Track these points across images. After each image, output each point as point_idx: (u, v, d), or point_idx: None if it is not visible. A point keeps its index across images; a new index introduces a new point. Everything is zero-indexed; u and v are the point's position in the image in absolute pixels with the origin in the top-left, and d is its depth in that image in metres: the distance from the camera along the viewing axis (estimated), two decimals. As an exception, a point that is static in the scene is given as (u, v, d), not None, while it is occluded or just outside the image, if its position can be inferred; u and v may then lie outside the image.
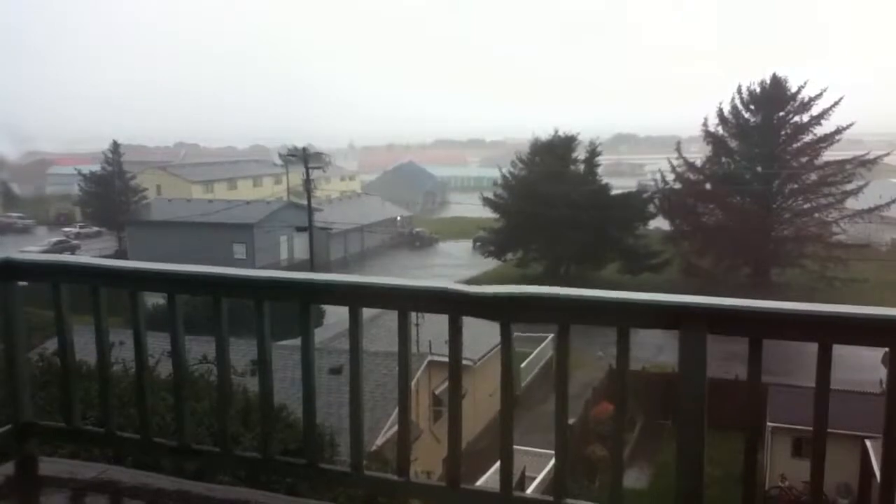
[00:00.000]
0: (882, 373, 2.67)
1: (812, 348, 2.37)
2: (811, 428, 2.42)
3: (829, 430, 2.39)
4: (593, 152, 53.16)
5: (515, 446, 2.83)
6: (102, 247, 61.04)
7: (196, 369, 6.39)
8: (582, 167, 53.11)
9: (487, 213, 55.44)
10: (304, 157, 40.21)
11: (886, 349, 2.35)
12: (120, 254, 57.68)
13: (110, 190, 61.20)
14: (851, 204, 48.46)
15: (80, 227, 67.31)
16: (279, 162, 61.59)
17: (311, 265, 39.63)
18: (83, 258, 3.75)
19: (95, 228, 65.51)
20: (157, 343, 3.45)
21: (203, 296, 3.03)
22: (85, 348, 3.43)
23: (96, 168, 63.51)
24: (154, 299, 3.29)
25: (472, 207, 63.72)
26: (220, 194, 71.67)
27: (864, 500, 18.26)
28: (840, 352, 2.34)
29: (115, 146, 62.34)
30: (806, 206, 49.68)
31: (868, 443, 16.89)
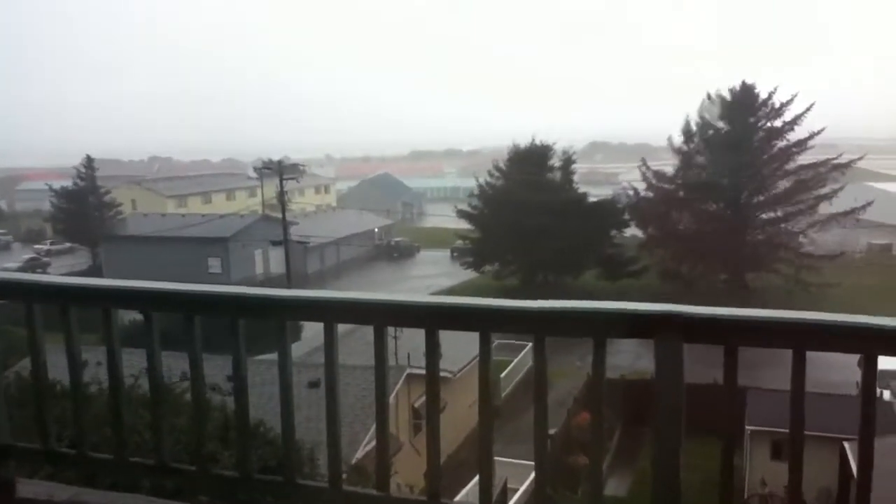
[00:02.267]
0: (858, 375, 2.72)
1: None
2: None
3: (808, 433, 2.42)
4: (568, 160, 53.56)
5: (497, 458, 2.82)
6: (74, 262, 60.34)
7: (177, 386, 6.32)
8: (558, 175, 53.45)
9: (466, 224, 55.63)
10: (279, 169, 40.03)
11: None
12: (94, 270, 57.01)
13: (83, 205, 60.46)
14: (826, 208, 48.90)
15: (51, 243, 66.45)
16: (253, 175, 61.42)
17: (287, 279, 39.40)
18: (55, 277, 3.68)
19: (67, 244, 64.67)
20: (136, 360, 3.40)
21: (177, 314, 3.00)
22: (63, 366, 3.38)
23: (67, 183, 62.73)
24: (132, 315, 3.26)
25: (449, 218, 63.90)
26: (195, 208, 71.20)
27: (842, 502, 18.42)
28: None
29: (89, 161, 61.66)
30: (780, 213, 50.17)
31: (846, 444, 17.06)
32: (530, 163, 52.11)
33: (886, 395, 20.06)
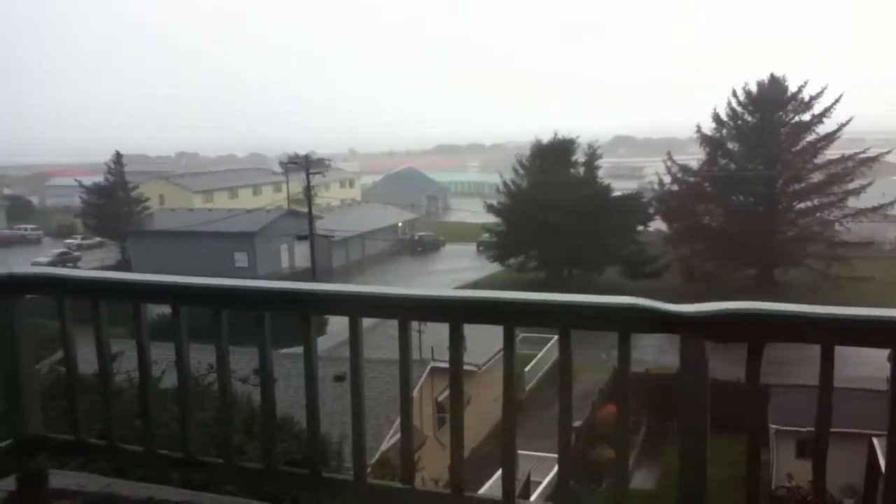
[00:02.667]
0: (888, 370, 2.68)
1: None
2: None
3: (834, 430, 2.39)
4: (593, 155, 53.17)
5: (520, 451, 2.83)
6: (103, 256, 61.25)
7: (204, 378, 6.40)
8: (582, 170, 53.13)
9: (489, 218, 55.52)
10: (306, 164, 40.22)
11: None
12: (123, 264, 57.81)
13: (112, 200, 61.31)
14: (854, 203, 48.38)
15: (82, 238, 67.41)
16: (279, 170, 61.84)
17: (312, 273, 39.64)
18: (86, 272, 3.75)
19: (97, 239, 65.61)
20: (164, 352, 3.45)
21: (205, 308, 3.04)
22: (93, 358, 3.44)
23: (98, 179, 63.63)
24: (161, 308, 3.31)
25: (473, 213, 63.80)
26: (221, 203, 71.87)
27: (869, 498, 18.17)
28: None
29: (118, 157, 62.49)
30: (808, 204, 49.59)
31: (875, 441, 16.82)
32: (553, 157, 51.86)
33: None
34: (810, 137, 49.51)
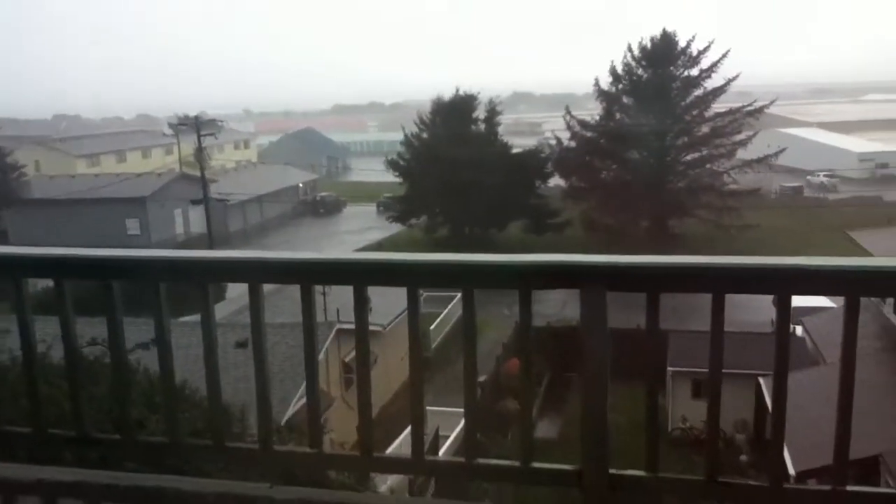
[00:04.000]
0: (774, 313, 2.88)
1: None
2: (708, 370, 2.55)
3: (726, 371, 2.52)
4: (493, 111, 53.50)
5: (429, 407, 2.86)
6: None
7: (90, 352, 6.12)
8: (483, 127, 53.43)
9: (390, 178, 55.21)
10: (196, 126, 38.66)
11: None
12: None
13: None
14: (742, 155, 50.79)
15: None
16: (169, 132, 59.15)
17: (209, 239, 38.47)
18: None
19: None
20: (50, 327, 3.26)
21: (93, 280, 2.87)
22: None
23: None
24: (44, 282, 3.11)
25: (374, 172, 63.27)
26: (108, 168, 68.35)
27: (759, 434, 19.51)
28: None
29: (-21, 120, 57.97)
30: (697, 156, 51.72)
31: (761, 380, 17.98)
32: (454, 115, 51.90)
33: (799, 331, 21.16)
34: (699, 92, 51.46)
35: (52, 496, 2.97)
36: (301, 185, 70.57)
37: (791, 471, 12.57)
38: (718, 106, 51.72)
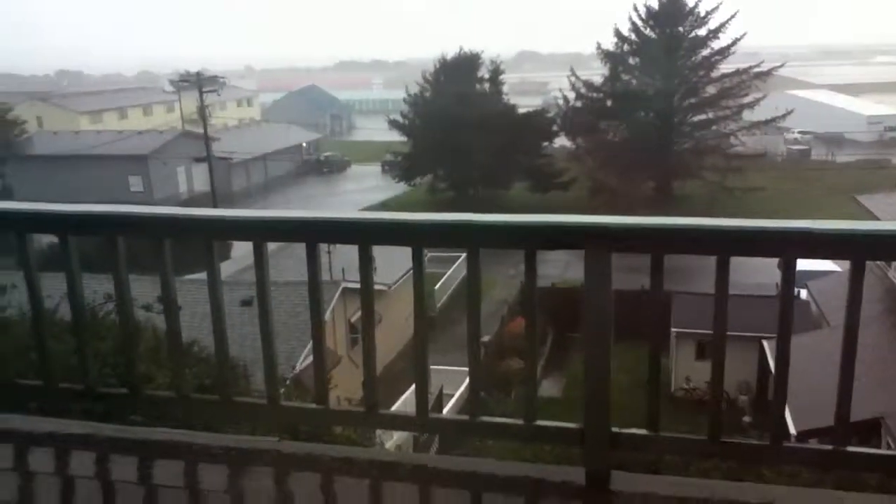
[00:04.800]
0: (778, 276, 2.86)
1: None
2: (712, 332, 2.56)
3: (730, 333, 2.53)
4: (496, 70, 52.90)
5: (433, 366, 2.89)
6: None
7: (101, 309, 6.16)
8: (487, 86, 52.88)
9: (396, 137, 54.86)
10: (198, 82, 38.28)
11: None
12: (3, 192, 54.19)
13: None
14: (749, 117, 50.17)
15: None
16: (170, 89, 58.61)
17: (212, 197, 38.41)
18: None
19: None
20: (59, 284, 3.28)
21: (98, 236, 2.88)
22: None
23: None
24: (50, 238, 3.12)
25: (379, 132, 62.79)
26: (110, 125, 67.84)
27: (761, 395, 19.65)
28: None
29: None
30: (704, 118, 51.17)
31: (765, 343, 18.04)
32: (458, 73, 51.32)
33: (804, 294, 21.15)
34: (706, 52, 50.74)
35: (63, 448, 3.02)
36: (305, 144, 70.10)
37: (792, 430, 12.71)
38: (726, 67, 51.01)
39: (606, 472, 2.60)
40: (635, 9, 51.12)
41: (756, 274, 16.61)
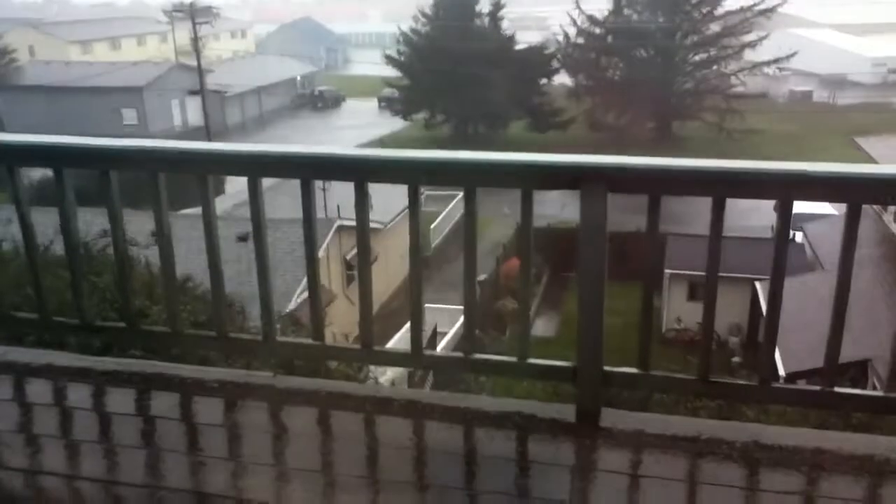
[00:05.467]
0: (774, 219, 2.89)
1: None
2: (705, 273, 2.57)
3: (723, 274, 2.54)
4: (497, 5, 51.73)
5: (428, 304, 2.90)
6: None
7: (95, 244, 6.16)
8: (486, 21, 51.78)
9: (391, 71, 53.95)
10: (192, 13, 37.42)
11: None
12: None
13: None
14: (751, 56, 49.38)
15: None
16: (163, 19, 57.26)
17: (206, 131, 37.98)
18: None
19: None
20: (53, 218, 3.27)
21: (92, 169, 2.85)
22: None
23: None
24: (43, 172, 3.09)
25: (376, 66, 61.68)
26: (102, 55, 66.58)
27: (752, 337, 19.88)
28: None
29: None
30: (705, 56, 50.38)
31: (758, 284, 18.15)
32: (456, 7, 50.15)
33: (799, 237, 21.20)
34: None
35: (60, 380, 3.06)
36: (299, 77, 68.95)
37: (781, 372, 12.92)
38: (730, 3, 49.89)
39: (597, 410, 2.64)
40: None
41: (750, 216, 16.63)
